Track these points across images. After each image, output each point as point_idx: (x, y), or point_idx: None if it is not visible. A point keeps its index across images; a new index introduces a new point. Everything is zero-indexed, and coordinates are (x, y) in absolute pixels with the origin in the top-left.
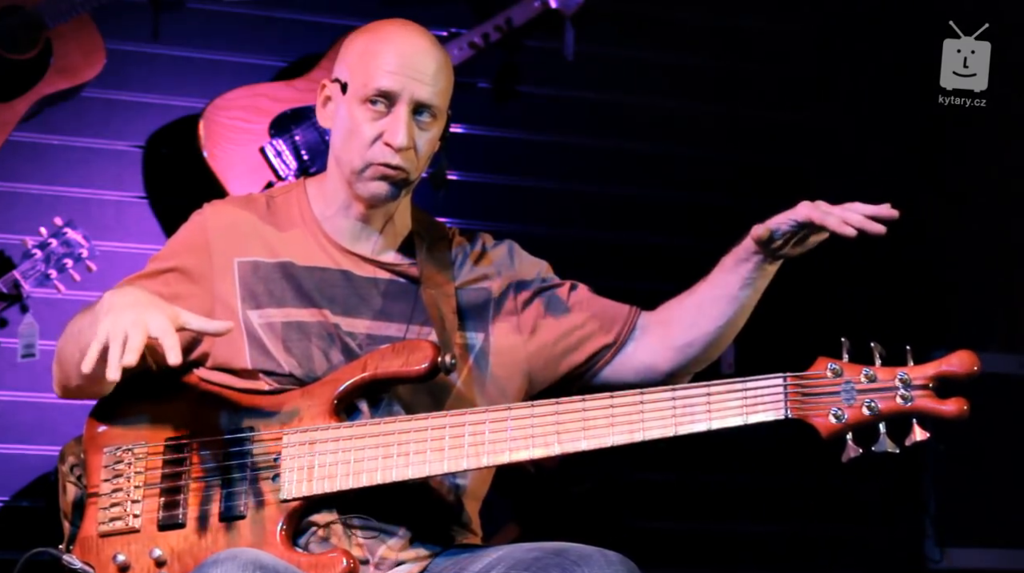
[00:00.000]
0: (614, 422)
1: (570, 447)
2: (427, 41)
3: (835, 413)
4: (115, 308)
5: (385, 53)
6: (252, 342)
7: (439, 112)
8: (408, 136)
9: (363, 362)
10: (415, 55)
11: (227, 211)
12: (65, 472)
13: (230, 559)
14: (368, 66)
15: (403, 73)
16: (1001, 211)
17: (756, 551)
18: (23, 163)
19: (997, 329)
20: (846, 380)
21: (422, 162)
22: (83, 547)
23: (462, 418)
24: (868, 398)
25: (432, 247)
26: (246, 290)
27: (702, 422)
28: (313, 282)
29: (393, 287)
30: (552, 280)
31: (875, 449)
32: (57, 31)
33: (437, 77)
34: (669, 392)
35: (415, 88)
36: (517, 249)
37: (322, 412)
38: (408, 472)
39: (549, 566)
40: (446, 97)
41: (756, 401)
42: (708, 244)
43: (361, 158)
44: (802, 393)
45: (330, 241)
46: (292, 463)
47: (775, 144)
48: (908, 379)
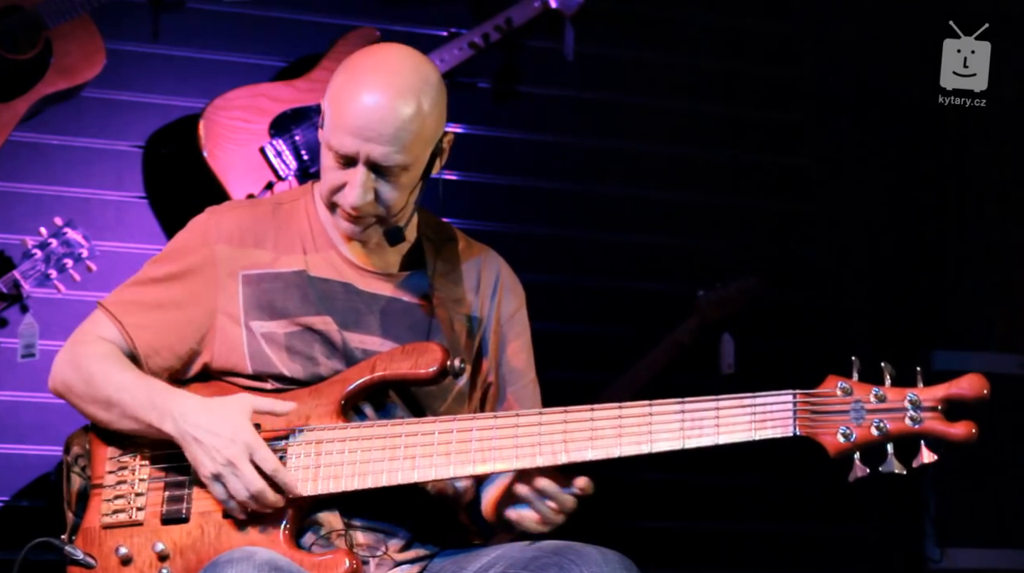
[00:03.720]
0: (622, 433)
1: (576, 457)
2: (395, 93)
3: (844, 432)
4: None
5: (348, 108)
6: (253, 353)
7: (408, 163)
8: (363, 195)
9: (372, 363)
10: (375, 113)
11: (232, 219)
12: (69, 462)
13: (245, 559)
14: (333, 117)
15: (360, 134)
16: (1001, 211)
17: (756, 551)
18: (23, 163)
19: (997, 329)
20: (856, 399)
21: (395, 205)
22: (85, 538)
23: (470, 423)
24: (877, 418)
25: (441, 251)
26: (249, 302)
27: (710, 437)
28: (318, 292)
29: (396, 305)
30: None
31: (882, 469)
32: (57, 31)
33: (400, 135)
34: (678, 405)
35: (371, 150)
36: (525, 311)
37: (329, 412)
38: (414, 475)
39: (548, 565)
40: (416, 147)
41: (765, 417)
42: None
43: (328, 199)
44: (811, 411)
45: (337, 252)
46: (298, 462)
47: (775, 144)
48: (918, 401)
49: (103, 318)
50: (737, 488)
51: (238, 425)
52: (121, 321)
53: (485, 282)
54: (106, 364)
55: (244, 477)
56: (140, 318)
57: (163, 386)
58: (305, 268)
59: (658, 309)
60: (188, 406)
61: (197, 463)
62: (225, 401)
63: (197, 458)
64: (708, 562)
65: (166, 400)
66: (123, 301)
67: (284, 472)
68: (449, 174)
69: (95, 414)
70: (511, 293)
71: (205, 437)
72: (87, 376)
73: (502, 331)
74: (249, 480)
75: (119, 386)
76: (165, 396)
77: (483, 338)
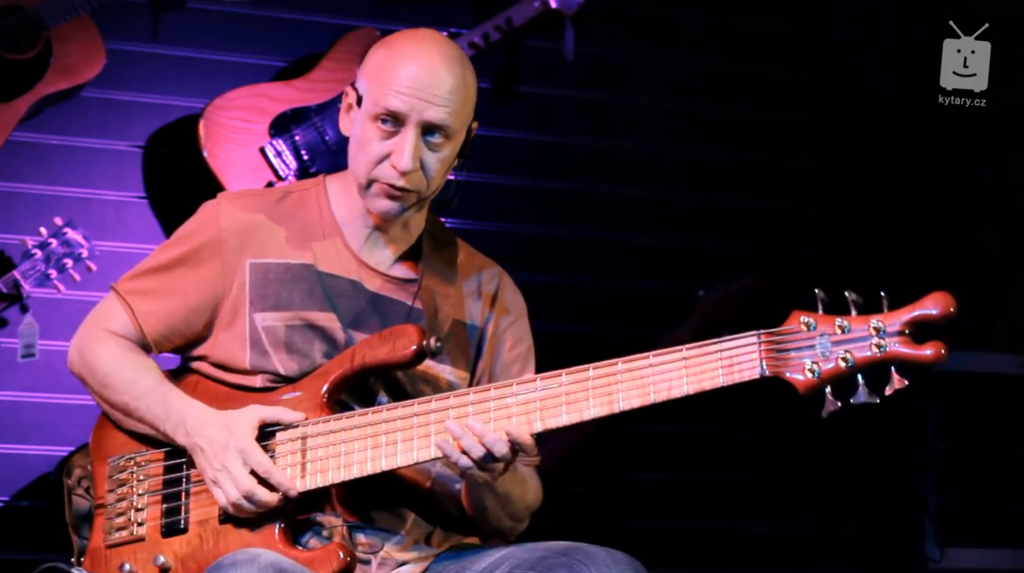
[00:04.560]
0: (593, 394)
1: (552, 423)
2: (443, 59)
3: (810, 367)
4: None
5: (397, 72)
6: (254, 346)
7: (453, 132)
8: (413, 159)
9: (351, 353)
10: (427, 74)
11: (242, 206)
12: (72, 485)
13: (249, 561)
14: (380, 83)
15: (413, 94)
16: (1001, 211)
17: (756, 551)
18: (23, 163)
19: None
20: (821, 333)
21: (435, 180)
22: (92, 559)
23: (446, 402)
24: (843, 349)
25: (441, 250)
26: (255, 293)
27: (679, 387)
28: (325, 286)
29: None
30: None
31: (854, 401)
32: (57, 31)
33: (451, 97)
34: (646, 359)
35: (424, 109)
36: (526, 322)
37: (313, 406)
38: (397, 460)
39: (556, 565)
40: (462, 116)
41: (731, 361)
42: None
43: (367, 175)
44: (777, 349)
45: (347, 247)
46: (285, 460)
47: (775, 144)
48: (882, 326)
49: (116, 305)
50: (737, 488)
51: (238, 432)
52: (133, 308)
53: (485, 291)
54: (121, 366)
55: (235, 479)
56: (151, 306)
57: (178, 396)
58: (314, 262)
59: (658, 309)
60: (200, 418)
61: (201, 470)
62: (233, 413)
63: (201, 465)
64: (708, 562)
65: (181, 412)
66: (135, 288)
67: (278, 473)
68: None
69: (106, 409)
70: (510, 304)
71: (207, 445)
72: (102, 376)
73: (498, 341)
74: (239, 481)
75: (136, 394)
76: (180, 407)
77: (480, 347)
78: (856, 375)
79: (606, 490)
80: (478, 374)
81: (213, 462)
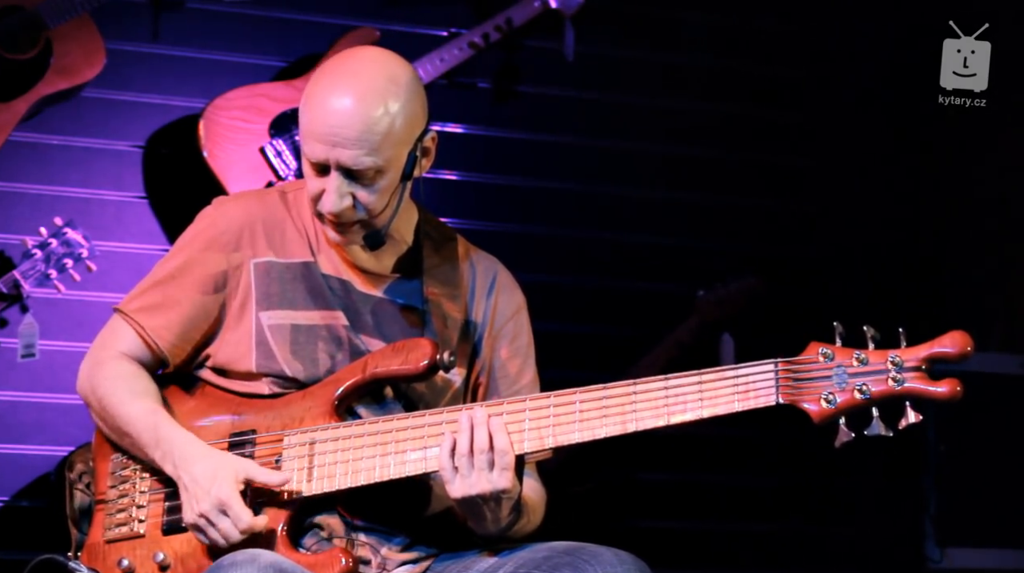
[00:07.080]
0: (607, 413)
1: (564, 439)
2: (357, 97)
3: (827, 397)
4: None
5: (313, 117)
6: (259, 345)
7: (381, 166)
8: (337, 202)
9: (364, 362)
10: (338, 117)
11: (239, 209)
12: (73, 479)
13: (249, 561)
14: (303, 126)
15: (326, 140)
16: (1001, 211)
17: (756, 551)
18: (23, 163)
19: (997, 329)
20: (838, 364)
21: (376, 208)
22: (90, 553)
23: (459, 414)
24: (860, 381)
25: (441, 250)
26: (260, 291)
27: (694, 411)
28: (326, 286)
29: (390, 307)
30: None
31: (868, 433)
32: (57, 31)
33: (366, 137)
34: (661, 381)
35: (339, 155)
36: (525, 316)
37: (323, 413)
38: (405, 469)
39: (561, 565)
40: (387, 149)
41: (747, 388)
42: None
43: (312, 208)
44: (793, 378)
45: (338, 250)
46: (292, 464)
47: (775, 144)
48: (900, 361)
49: (122, 326)
50: (738, 488)
51: (221, 480)
52: (142, 326)
53: (481, 285)
54: (118, 390)
55: (221, 530)
56: (159, 319)
57: (169, 424)
58: (314, 262)
59: (658, 309)
60: (188, 452)
61: (183, 509)
62: (223, 456)
63: (184, 503)
64: (708, 562)
65: (171, 443)
66: (141, 306)
67: (257, 525)
68: (449, 174)
69: (105, 432)
70: (508, 298)
71: (191, 485)
72: (100, 397)
73: (496, 335)
74: (226, 533)
75: (128, 420)
76: (170, 437)
77: (478, 341)
78: (871, 407)
79: (607, 490)
80: (476, 370)
81: (194, 506)
